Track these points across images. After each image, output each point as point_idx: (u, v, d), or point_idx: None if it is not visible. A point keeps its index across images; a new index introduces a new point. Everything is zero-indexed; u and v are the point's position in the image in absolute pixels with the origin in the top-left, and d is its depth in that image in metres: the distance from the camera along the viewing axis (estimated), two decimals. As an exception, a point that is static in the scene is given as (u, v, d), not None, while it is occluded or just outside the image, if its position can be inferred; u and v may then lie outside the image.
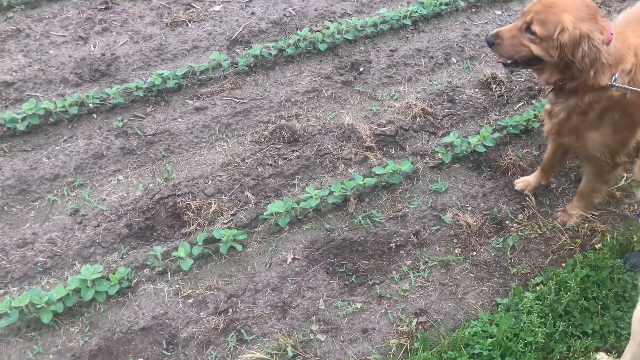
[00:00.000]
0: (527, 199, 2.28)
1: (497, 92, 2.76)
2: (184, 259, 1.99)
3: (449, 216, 2.22)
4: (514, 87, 2.80)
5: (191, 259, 2.00)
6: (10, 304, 1.80)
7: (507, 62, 1.92)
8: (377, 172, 2.29)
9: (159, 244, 2.07)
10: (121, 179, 2.33)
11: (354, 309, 1.91)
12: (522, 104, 2.73)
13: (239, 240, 2.09)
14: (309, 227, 2.18)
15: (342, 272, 2.03)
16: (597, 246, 2.10)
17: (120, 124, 2.53)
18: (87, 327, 1.84)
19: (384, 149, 2.49)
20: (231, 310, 1.90)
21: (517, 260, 2.09)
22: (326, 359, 1.78)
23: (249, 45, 2.94)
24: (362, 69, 2.86)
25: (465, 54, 2.96)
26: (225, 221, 2.17)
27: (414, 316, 1.90)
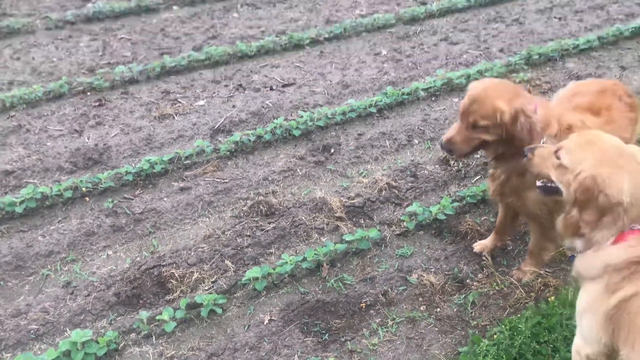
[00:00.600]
0: (485, 259, 2.49)
1: (456, 168, 3.04)
2: (168, 322, 2.15)
3: (414, 277, 2.41)
4: (471, 162, 3.08)
5: (174, 322, 2.15)
6: (3, 367, 1.93)
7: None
8: (347, 240, 2.50)
9: (145, 310, 2.23)
10: (110, 253, 2.52)
11: (327, 362, 2.05)
12: (479, 177, 3.00)
13: (219, 304, 2.25)
14: (285, 291, 2.35)
15: (316, 331, 2.19)
16: (550, 299, 2.28)
17: (110, 205, 2.75)
18: (76, 387, 1.96)
19: (354, 219, 2.71)
20: (211, 367, 2.04)
21: (477, 314, 2.26)
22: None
23: (230, 133, 3.24)
24: (333, 151, 3.15)
25: (426, 136, 3.27)
26: (206, 288, 2.34)
27: (383, 367, 2.04)
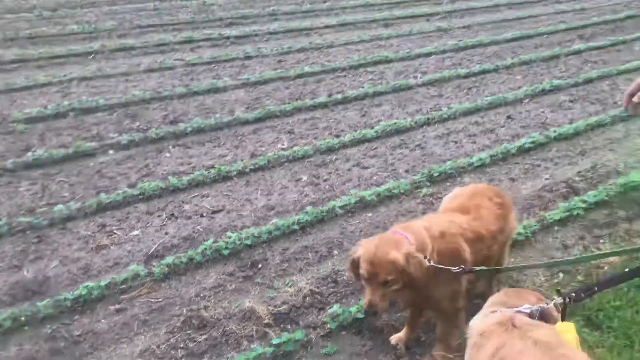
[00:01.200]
0: (400, 350, 2.76)
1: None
2: None
3: (338, 371, 2.63)
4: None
5: None
6: None
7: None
8: (274, 343, 2.73)
9: None
10: (48, 376, 2.63)
11: None
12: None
13: (155, 411, 2.38)
14: (218, 395, 2.51)
15: None
16: (460, 378, 2.54)
17: (49, 331, 2.88)
18: None
19: (281, 325, 2.95)
20: None
21: (395, 398, 2.49)
22: None
23: (163, 257, 3.48)
24: (260, 266, 3.43)
25: (344, 247, 3.63)
26: (142, 398, 2.47)
27: None
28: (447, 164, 4.59)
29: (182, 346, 2.77)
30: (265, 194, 4.22)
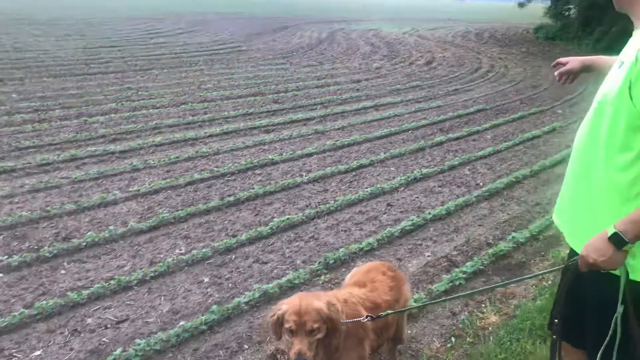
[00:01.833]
0: None
1: None
2: None
3: None
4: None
5: None
6: None
7: None
8: None
9: None
10: None
11: None
12: None
13: None
14: None
15: None
16: None
17: None
18: None
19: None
20: None
21: None
22: None
23: (70, 374, 3.40)
24: (172, 369, 3.45)
25: (253, 340, 3.74)
26: None
27: None
28: (340, 251, 4.93)
29: None
30: (169, 299, 4.26)
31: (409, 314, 3.91)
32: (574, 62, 2.69)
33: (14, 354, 3.60)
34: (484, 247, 5.24)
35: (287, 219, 5.59)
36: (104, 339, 3.74)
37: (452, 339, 3.84)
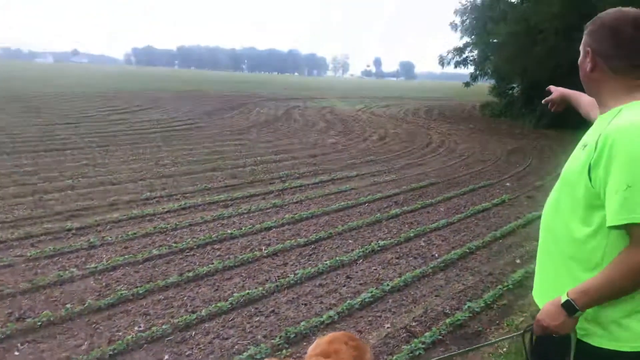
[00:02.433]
0: None
1: None
2: None
3: None
4: None
5: None
6: None
7: None
8: None
9: None
10: None
11: None
12: None
13: None
14: None
15: None
16: None
17: None
18: None
19: None
20: None
21: None
22: None
23: None
24: None
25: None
26: None
27: None
28: (301, 324, 4.96)
29: None
30: (128, 378, 4.18)
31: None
32: (556, 92, 2.96)
33: None
34: (441, 317, 5.36)
35: (247, 293, 5.61)
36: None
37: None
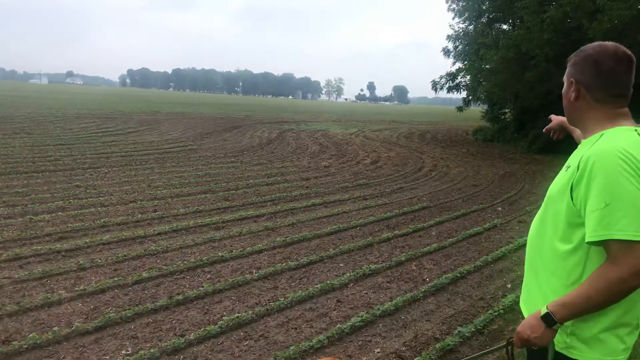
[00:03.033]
0: None
1: None
2: None
3: None
4: None
5: None
6: None
7: None
8: None
9: None
10: None
11: None
12: None
13: None
14: None
15: None
16: None
17: None
18: None
19: None
20: None
21: None
22: None
23: None
24: None
25: None
26: None
27: None
28: (290, 349, 4.93)
29: None
30: (114, 403, 4.13)
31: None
32: (555, 120, 3.07)
33: None
34: (431, 342, 5.33)
35: (237, 317, 5.57)
36: None
37: None
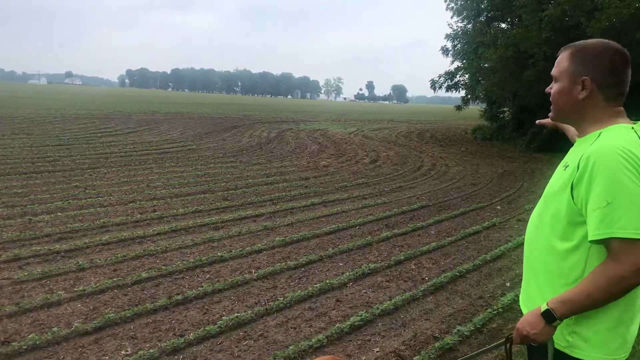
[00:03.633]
0: None
1: None
2: None
3: None
4: None
5: None
6: None
7: None
8: None
9: None
10: None
11: None
12: None
13: None
14: None
15: None
16: None
17: None
18: None
19: None
20: None
21: None
22: None
23: None
24: None
25: None
26: None
27: None
28: (290, 348, 4.93)
29: None
30: (113, 403, 4.13)
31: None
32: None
33: None
34: (430, 341, 5.34)
35: (236, 317, 5.57)
36: None
37: None
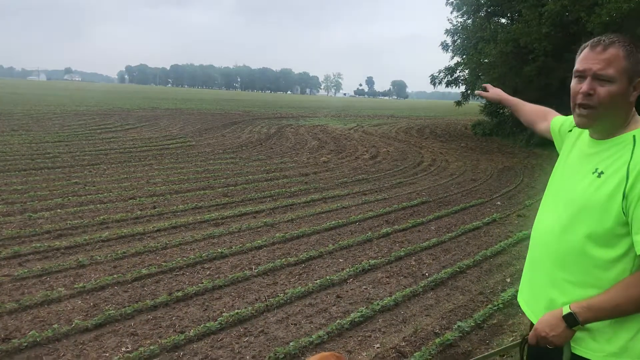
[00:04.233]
0: None
1: None
2: None
3: None
4: None
5: None
6: None
7: None
8: None
9: None
10: None
11: None
12: None
13: None
14: None
15: None
16: None
17: None
18: None
19: None
20: None
21: None
22: None
23: None
24: None
25: None
26: None
27: None
28: (290, 345, 4.93)
29: None
30: (114, 400, 4.13)
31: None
32: (493, 91, 3.11)
33: None
34: (431, 337, 5.34)
35: (237, 313, 5.57)
36: None
37: None
